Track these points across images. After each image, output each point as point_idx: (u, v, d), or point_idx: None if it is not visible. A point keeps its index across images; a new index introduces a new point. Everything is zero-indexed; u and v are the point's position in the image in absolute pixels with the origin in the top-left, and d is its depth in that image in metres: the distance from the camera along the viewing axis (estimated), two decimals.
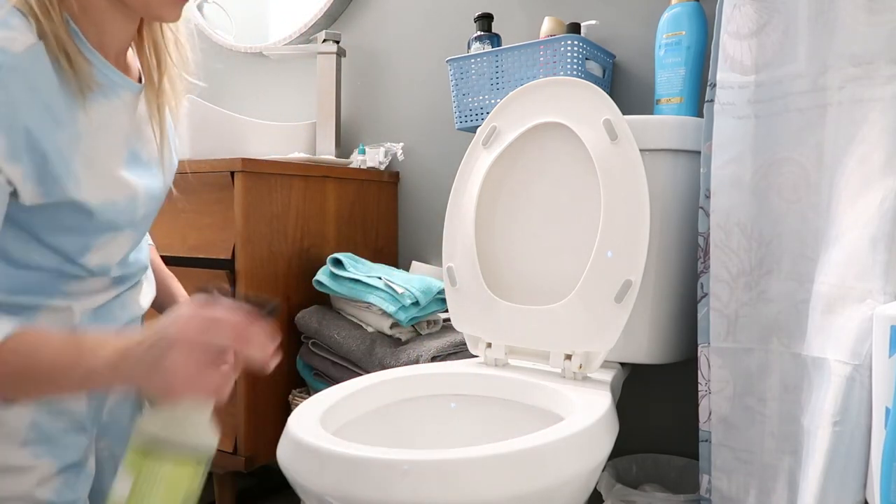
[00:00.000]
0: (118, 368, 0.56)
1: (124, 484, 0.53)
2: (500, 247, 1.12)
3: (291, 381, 1.40)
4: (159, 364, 0.55)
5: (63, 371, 0.56)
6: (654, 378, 1.26)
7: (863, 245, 0.75)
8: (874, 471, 0.68)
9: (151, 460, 0.53)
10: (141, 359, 0.56)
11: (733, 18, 0.89)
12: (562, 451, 0.72)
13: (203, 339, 0.56)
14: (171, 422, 0.55)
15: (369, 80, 1.72)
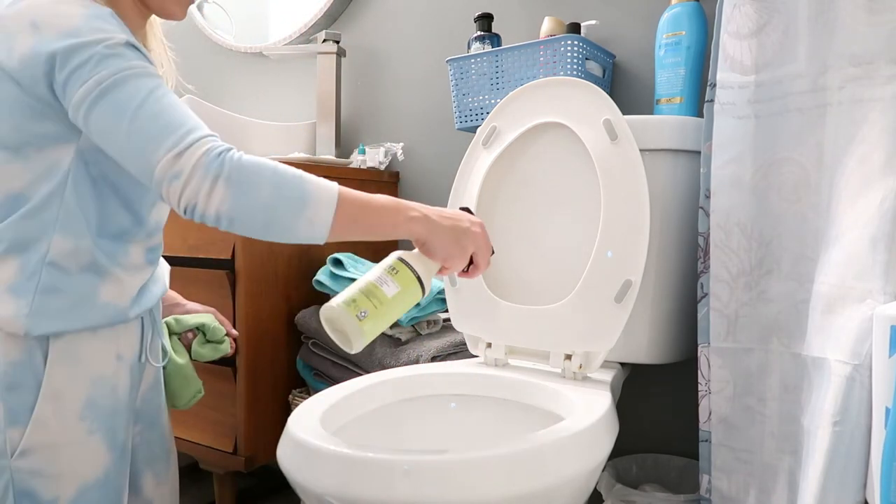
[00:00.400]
0: (429, 226, 0.74)
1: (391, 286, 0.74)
2: (499, 247, 1.12)
3: (291, 381, 1.41)
4: (459, 241, 0.75)
5: (389, 215, 0.73)
6: (654, 378, 1.26)
7: (863, 245, 0.75)
8: (874, 471, 0.68)
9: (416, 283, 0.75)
10: (447, 230, 0.75)
11: (733, 18, 0.89)
12: (562, 451, 0.72)
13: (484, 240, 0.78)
14: (427, 266, 0.76)
15: (369, 80, 1.72)
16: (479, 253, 0.78)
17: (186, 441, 1.37)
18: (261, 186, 0.65)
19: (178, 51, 0.93)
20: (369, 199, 0.73)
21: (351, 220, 0.70)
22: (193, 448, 1.37)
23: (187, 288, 1.36)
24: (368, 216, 0.72)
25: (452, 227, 0.75)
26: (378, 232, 0.73)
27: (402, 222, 0.73)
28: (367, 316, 0.72)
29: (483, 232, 0.78)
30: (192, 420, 1.37)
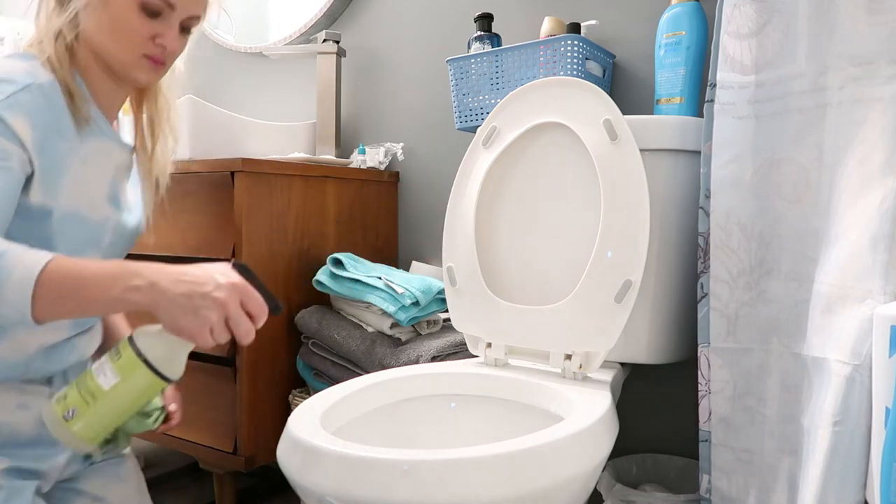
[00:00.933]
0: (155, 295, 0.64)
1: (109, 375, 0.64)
2: (500, 247, 1.12)
3: (291, 381, 1.40)
4: (197, 312, 0.64)
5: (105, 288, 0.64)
6: (654, 378, 1.26)
7: (863, 245, 0.75)
8: (874, 471, 0.68)
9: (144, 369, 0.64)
10: (180, 297, 0.64)
11: (733, 18, 0.89)
12: (562, 451, 0.72)
13: (233, 307, 0.66)
14: (169, 345, 0.66)
15: (369, 80, 1.72)
16: (232, 321, 0.66)
17: (186, 441, 1.37)
18: None
19: None
20: (86, 270, 0.64)
21: (58, 297, 0.63)
22: (193, 448, 1.37)
23: None
24: (81, 290, 0.63)
25: (188, 294, 0.64)
26: (97, 307, 0.66)
27: (122, 294, 0.64)
28: (75, 415, 0.62)
29: (234, 296, 0.66)
30: (192, 420, 1.37)
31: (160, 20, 0.81)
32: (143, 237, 1.41)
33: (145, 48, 0.81)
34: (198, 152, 1.39)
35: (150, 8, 0.79)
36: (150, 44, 0.81)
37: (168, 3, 0.80)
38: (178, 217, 1.36)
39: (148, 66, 0.82)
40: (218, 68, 2.06)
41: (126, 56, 0.81)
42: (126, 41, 0.80)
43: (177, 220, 1.37)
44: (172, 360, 0.66)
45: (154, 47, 0.81)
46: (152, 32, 0.81)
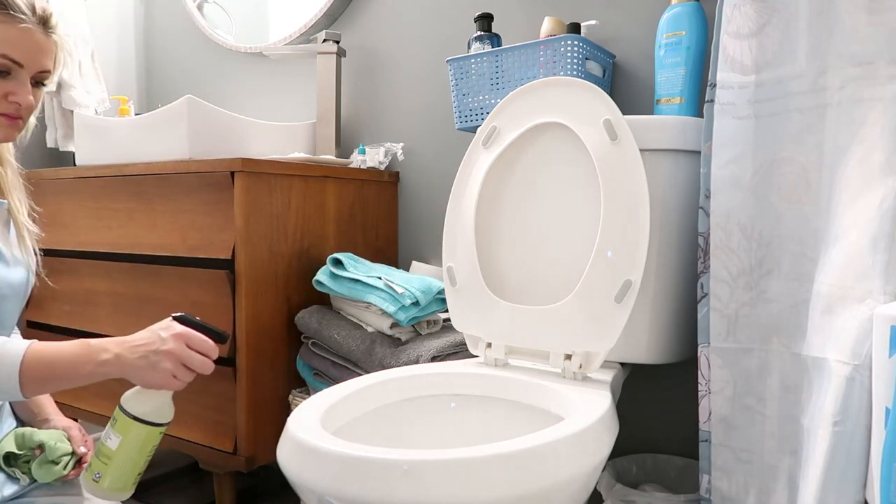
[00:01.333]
0: (121, 364, 0.77)
1: (113, 438, 0.78)
2: (500, 247, 1.12)
3: (291, 381, 1.40)
4: (156, 367, 0.77)
5: (79, 366, 0.76)
6: (654, 378, 1.26)
7: (863, 245, 0.75)
8: (874, 471, 0.68)
9: (136, 424, 0.78)
10: (139, 360, 0.77)
11: (733, 18, 0.89)
12: (562, 451, 0.72)
13: (182, 352, 0.78)
14: (150, 399, 0.79)
15: (369, 80, 1.72)
16: (186, 361, 0.78)
17: (186, 441, 1.38)
18: None
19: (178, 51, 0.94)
20: (59, 353, 0.76)
21: (43, 379, 0.76)
22: (193, 448, 1.37)
23: (187, 288, 1.36)
24: (60, 371, 0.76)
25: (144, 355, 0.77)
26: (78, 381, 0.78)
27: (95, 369, 0.77)
28: (101, 476, 0.78)
29: (180, 342, 0.78)
30: (192, 420, 1.37)
31: (10, 79, 0.82)
32: (141, 238, 1.42)
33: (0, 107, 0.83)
34: (198, 152, 1.39)
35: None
36: (3, 102, 0.83)
37: (15, 61, 0.82)
38: (178, 217, 1.36)
39: (5, 123, 0.84)
40: (218, 68, 2.06)
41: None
42: None
43: (177, 220, 1.37)
44: (158, 408, 0.80)
45: (8, 105, 0.83)
46: (4, 91, 0.82)
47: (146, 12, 2.27)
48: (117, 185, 1.47)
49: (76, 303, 1.59)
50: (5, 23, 0.81)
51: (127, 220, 1.46)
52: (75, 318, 1.58)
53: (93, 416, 1.54)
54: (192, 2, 2.08)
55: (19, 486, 0.86)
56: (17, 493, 0.86)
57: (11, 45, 0.81)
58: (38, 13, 0.85)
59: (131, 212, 1.45)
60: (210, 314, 1.31)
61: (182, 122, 1.40)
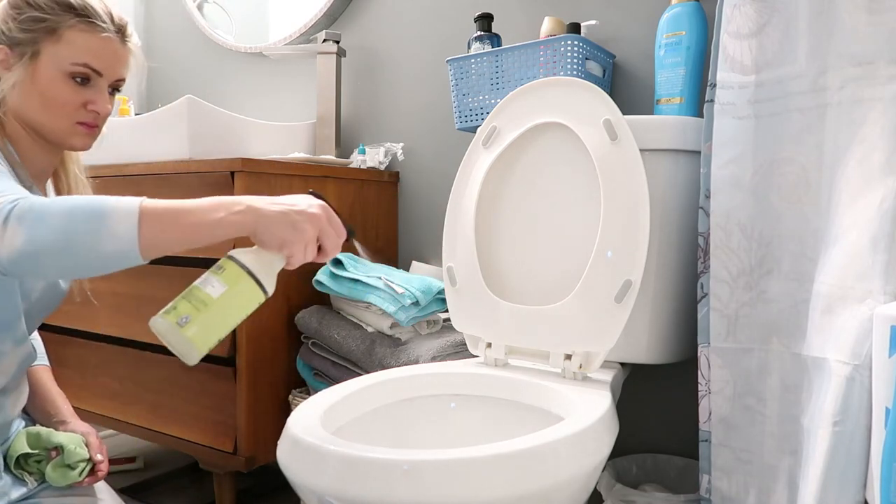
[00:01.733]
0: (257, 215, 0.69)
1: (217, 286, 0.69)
2: (500, 247, 1.12)
3: (291, 381, 1.40)
4: (295, 226, 0.69)
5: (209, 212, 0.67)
6: (654, 378, 1.26)
7: (863, 245, 0.75)
8: (874, 471, 0.68)
9: (247, 278, 0.70)
10: (278, 215, 0.69)
11: (733, 18, 0.89)
12: (562, 451, 0.72)
13: (324, 223, 0.72)
14: (264, 261, 0.71)
15: (369, 80, 1.72)
16: (324, 234, 0.72)
17: (186, 441, 1.37)
18: (52, 214, 0.63)
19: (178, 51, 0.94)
20: (184, 202, 0.68)
21: (162, 226, 0.65)
22: (193, 448, 1.37)
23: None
24: (182, 219, 0.66)
25: (283, 212, 0.70)
26: (201, 235, 0.68)
27: (222, 218, 0.68)
28: (189, 321, 0.67)
29: (324, 213, 0.72)
30: (192, 420, 1.37)
31: (89, 87, 0.83)
32: None
33: (78, 116, 0.84)
34: (198, 152, 1.39)
35: (79, 76, 0.82)
36: (82, 111, 0.84)
37: (95, 70, 0.83)
38: None
39: (83, 131, 0.85)
40: (218, 68, 2.06)
41: (60, 125, 0.83)
42: (59, 112, 0.82)
43: None
44: (268, 273, 0.71)
45: (87, 114, 0.84)
46: (83, 100, 0.83)
47: (146, 12, 2.27)
48: (117, 185, 1.47)
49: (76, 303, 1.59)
50: (87, 31, 0.82)
51: None
52: (75, 319, 1.58)
53: (93, 417, 1.54)
54: (192, 2, 2.08)
55: (27, 489, 0.86)
56: (25, 496, 0.86)
57: (92, 53, 0.82)
58: (117, 22, 0.86)
59: None
60: None
61: (182, 122, 1.39)
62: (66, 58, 0.81)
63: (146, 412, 1.45)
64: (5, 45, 0.82)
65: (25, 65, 0.81)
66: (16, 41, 0.81)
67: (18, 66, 0.81)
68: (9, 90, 0.82)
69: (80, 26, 0.81)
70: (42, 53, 0.81)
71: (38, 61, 0.81)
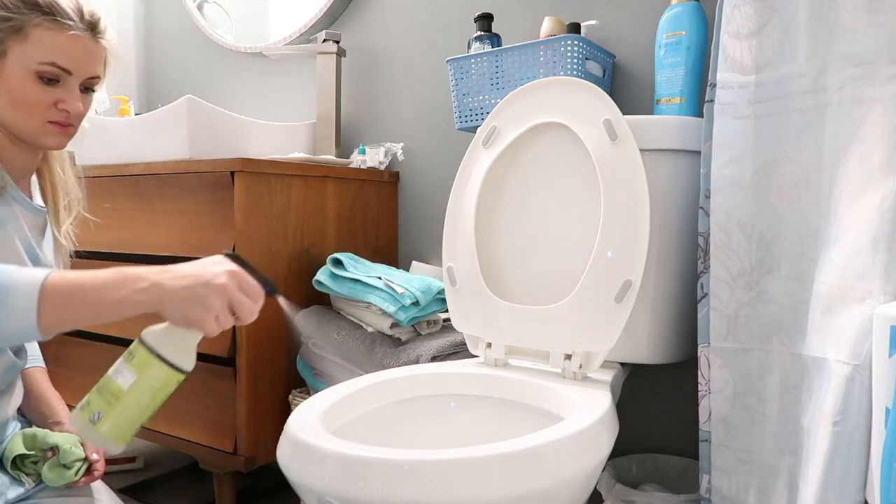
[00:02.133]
0: (162, 292, 0.66)
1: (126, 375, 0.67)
2: (500, 247, 1.12)
3: (291, 381, 1.40)
4: (201, 301, 0.67)
5: (111, 290, 0.65)
6: (654, 378, 1.26)
7: (863, 245, 0.75)
8: (874, 471, 0.68)
9: (158, 363, 0.67)
10: (182, 291, 0.67)
11: (733, 18, 0.89)
12: (562, 451, 0.72)
13: (233, 292, 0.69)
14: (177, 339, 0.68)
15: (369, 80, 1.72)
16: (236, 303, 0.69)
17: (186, 441, 1.37)
18: None
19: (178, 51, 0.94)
20: (88, 279, 0.65)
21: (63, 305, 0.64)
22: (193, 448, 1.37)
23: None
24: (84, 297, 0.65)
25: (188, 286, 0.67)
26: (104, 314, 0.66)
27: (129, 295, 0.65)
28: (101, 417, 0.65)
29: (234, 281, 0.69)
30: (192, 420, 1.37)
31: (59, 86, 0.82)
32: (141, 238, 1.42)
33: (49, 115, 0.82)
34: (197, 152, 1.39)
35: (47, 76, 0.80)
36: (52, 110, 0.82)
37: (63, 69, 0.81)
38: (178, 217, 1.36)
39: (55, 130, 0.83)
40: (218, 68, 2.06)
41: (31, 125, 0.82)
42: (28, 111, 0.81)
43: (177, 220, 1.37)
44: (183, 351, 0.69)
45: (58, 113, 0.82)
46: (53, 99, 0.82)
47: (146, 12, 2.27)
48: (117, 185, 1.47)
49: None
50: (53, 30, 0.80)
51: (127, 221, 1.46)
52: None
53: None
54: (192, 2, 2.08)
55: (24, 489, 0.86)
56: (23, 496, 0.86)
57: (59, 52, 0.80)
58: (87, 18, 0.84)
59: (131, 212, 1.45)
60: None
61: (182, 122, 1.39)
62: (32, 57, 0.80)
63: None
64: None
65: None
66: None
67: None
68: None
69: (46, 24, 0.80)
70: (9, 53, 0.79)
71: (6, 61, 0.80)
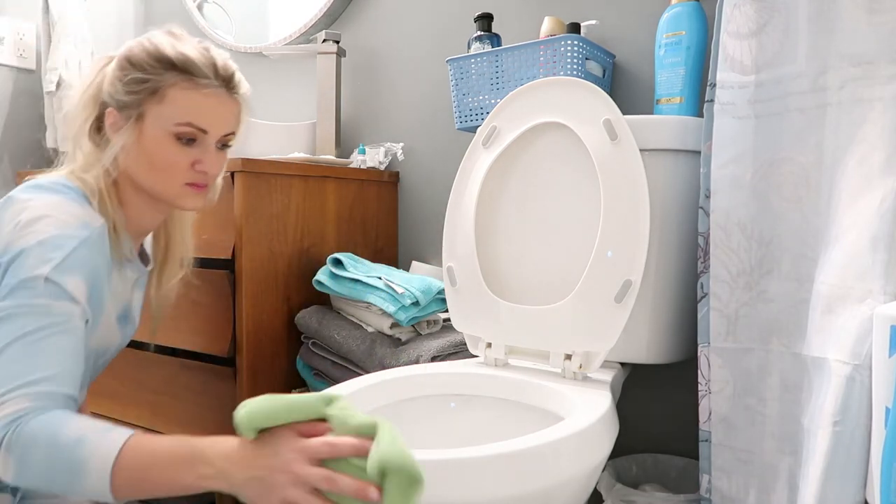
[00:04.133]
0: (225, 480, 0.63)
1: None
2: (500, 247, 1.12)
3: (291, 381, 1.40)
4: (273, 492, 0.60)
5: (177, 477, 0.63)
6: (654, 378, 1.26)
7: (863, 245, 0.75)
8: (874, 471, 0.68)
9: None
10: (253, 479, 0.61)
11: (733, 18, 0.89)
12: (562, 451, 0.72)
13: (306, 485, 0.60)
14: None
15: (369, 80, 1.72)
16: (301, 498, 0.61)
17: None
18: (35, 455, 0.64)
19: None
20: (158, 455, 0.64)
21: (134, 483, 0.64)
22: None
23: (187, 289, 1.36)
24: (154, 477, 0.64)
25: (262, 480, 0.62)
26: (169, 490, 0.65)
27: (192, 484, 0.64)
28: None
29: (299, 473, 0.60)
30: (192, 420, 1.37)
31: (196, 146, 0.81)
32: None
33: (187, 177, 0.81)
34: None
35: (185, 136, 0.80)
36: (190, 172, 0.82)
37: (200, 129, 0.80)
38: None
39: (192, 192, 0.83)
40: None
41: (170, 188, 0.81)
42: (167, 174, 0.80)
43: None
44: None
45: (195, 175, 0.82)
46: (191, 160, 0.81)
47: (146, 12, 2.27)
48: None
49: None
50: (189, 89, 0.80)
51: None
52: None
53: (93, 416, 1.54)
54: (192, 2, 2.08)
55: None
56: None
57: (195, 111, 0.80)
58: (221, 73, 0.83)
59: None
60: (210, 314, 1.31)
61: None
62: (169, 118, 0.79)
63: (146, 412, 1.45)
64: (114, 108, 0.81)
65: (132, 127, 0.79)
66: (122, 104, 0.80)
67: (126, 128, 0.80)
68: (119, 150, 0.80)
69: (182, 84, 0.79)
70: (147, 115, 0.79)
71: (144, 124, 0.79)
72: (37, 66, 1.91)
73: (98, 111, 0.84)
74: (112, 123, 0.81)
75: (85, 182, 0.80)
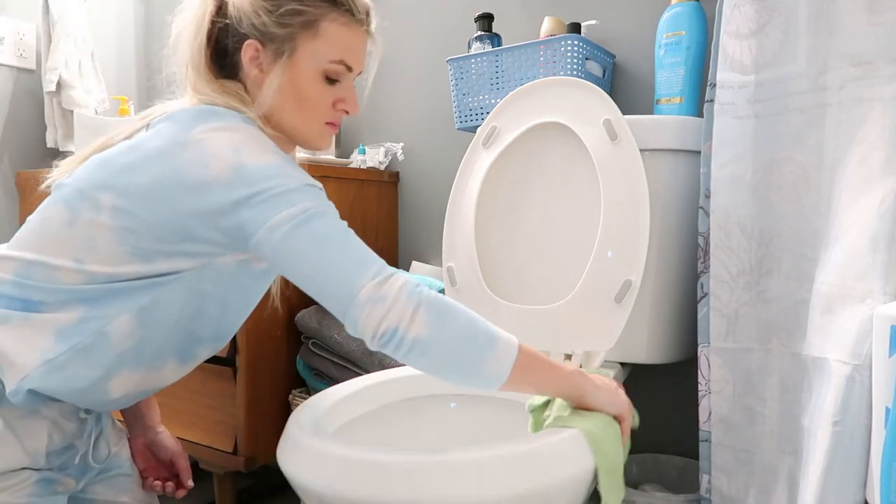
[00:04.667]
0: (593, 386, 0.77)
1: None
2: (500, 247, 1.12)
3: (291, 381, 1.40)
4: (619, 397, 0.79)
5: (557, 368, 0.74)
6: (654, 378, 1.26)
7: (863, 245, 0.75)
8: (874, 471, 0.68)
9: None
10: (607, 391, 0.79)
11: (733, 18, 0.89)
12: (562, 452, 0.72)
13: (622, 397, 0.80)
14: None
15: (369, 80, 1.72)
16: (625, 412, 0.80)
17: (186, 441, 1.37)
18: (457, 319, 0.67)
19: None
20: (542, 358, 0.73)
21: (526, 370, 0.70)
22: (193, 448, 1.37)
23: None
24: (545, 371, 0.73)
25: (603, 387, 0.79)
26: (548, 387, 0.76)
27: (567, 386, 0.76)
28: None
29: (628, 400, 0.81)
30: (192, 420, 1.37)
31: (339, 85, 0.79)
32: None
33: (328, 115, 0.79)
34: None
35: (333, 75, 0.77)
36: (331, 111, 0.79)
37: (349, 66, 0.77)
38: None
39: (329, 132, 0.81)
40: None
41: (312, 127, 0.79)
42: (312, 113, 0.78)
43: None
44: None
45: (335, 114, 0.80)
46: (334, 98, 0.79)
47: (146, 12, 2.27)
48: None
49: None
50: (346, 25, 0.76)
51: None
52: None
53: None
54: None
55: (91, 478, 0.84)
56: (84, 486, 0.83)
57: (349, 49, 0.77)
58: (366, 9, 0.79)
59: None
60: None
61: None
62: (323, 55, 0.75)
63: None
64: (257, 41, 0.75)
65: (285, 64, 0.75)
66: (269, 36, 0.74)
67: (279, 65, 0.74)
68: (275, 90, 0.75)
69: (341, 19, 0.75)
70: (299, 50, 0.75)
71: (295, 58, 0.75)
72: (37, 66, 1.91)
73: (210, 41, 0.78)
74: (252, 58, 0.75)
75: None
